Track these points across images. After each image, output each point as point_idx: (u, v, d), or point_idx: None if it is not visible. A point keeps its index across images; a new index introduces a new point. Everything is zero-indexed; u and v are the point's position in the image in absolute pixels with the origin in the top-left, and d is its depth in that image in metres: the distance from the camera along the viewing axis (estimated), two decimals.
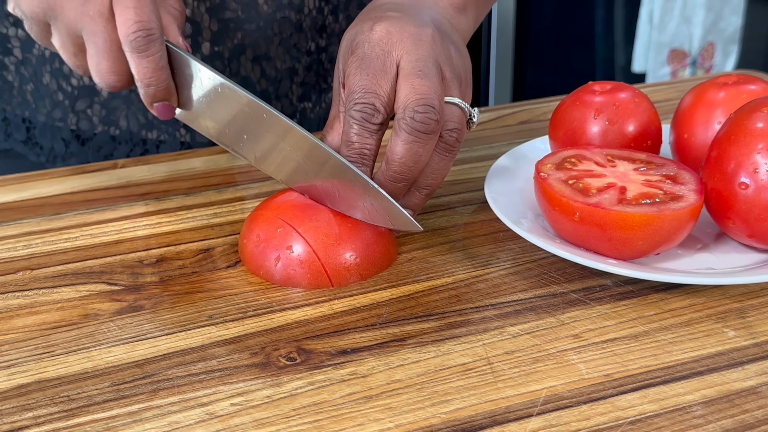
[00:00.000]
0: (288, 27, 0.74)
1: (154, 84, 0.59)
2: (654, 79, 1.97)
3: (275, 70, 0.76)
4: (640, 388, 0.45)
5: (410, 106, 0.53)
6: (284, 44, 0.75)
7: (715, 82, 0.61)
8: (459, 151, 0.58)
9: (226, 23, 0.72)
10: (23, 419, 0.44)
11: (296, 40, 0.76)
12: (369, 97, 0.54)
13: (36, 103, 0.75)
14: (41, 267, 0.57)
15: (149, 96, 0.60)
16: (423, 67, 0.54)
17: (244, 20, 0.73)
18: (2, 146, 0.78)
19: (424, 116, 0.53)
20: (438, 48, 0.56)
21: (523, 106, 0.82)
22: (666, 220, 0.51)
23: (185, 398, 0.45)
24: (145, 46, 0.58)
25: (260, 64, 0.75)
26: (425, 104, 0.53)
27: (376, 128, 0.54)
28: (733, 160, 0.53)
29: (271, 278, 0.54)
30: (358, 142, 0.54)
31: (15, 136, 0.77)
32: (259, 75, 0.76)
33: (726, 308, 0.51)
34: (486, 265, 0.56)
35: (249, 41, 0.74)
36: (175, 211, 0.64)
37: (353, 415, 0.43)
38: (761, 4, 2.02)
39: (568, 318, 0.50)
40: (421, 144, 0.53)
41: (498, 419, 0.43)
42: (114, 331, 0.50)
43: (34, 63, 0.74)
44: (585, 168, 0.56)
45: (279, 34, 0.74)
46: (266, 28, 0.73)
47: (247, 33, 0.73)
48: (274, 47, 0.75)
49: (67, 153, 0.77)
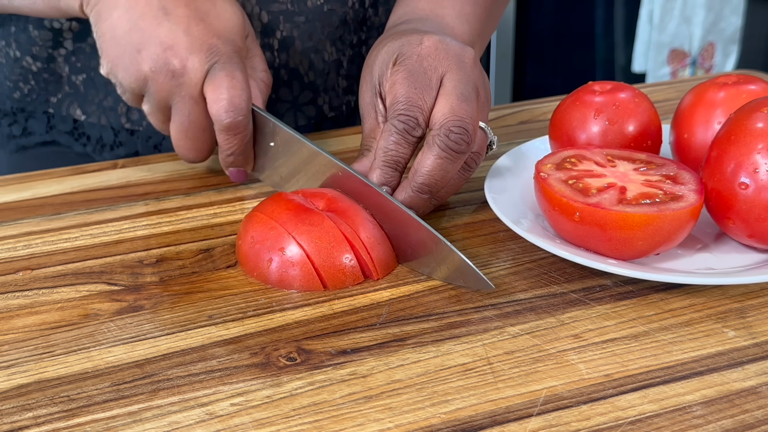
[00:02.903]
0: (334, 20, 0.75)
1: (236, 154, 0.64)
2: (654, 79, 1.97)
3: (323, 63, 0.77)
4: (640, 388, 0.45)
5: (447, 125, 0.56)
6: (331, 37, 0.76)
7: (715, 82, 0.61)
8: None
9: (275, 15, 0.73)
10: (23, 419, 0.44)
11: (341, 33, 0.76)
12: (414, 110, 0.57)
13: (87, 92, 0.75)
14: (41, 267, 0.57)
15: (227, 163, 0.65)
16: (464, 90, 0.57)
17: (293, 12, 0.73)
18: (43, 138, 0.78)
19: (458, 137, 0.56)
20: (477, 71, 0.60)
21: (523, 106, 0.82)
22: (666, 220, 0.51)
23: (185, 398, 0.45)
24: (236, 128, 0.62)
25: (309, 57, 0.76)
26: (461, 126, 0.56)
27: (414, 140, 0.58)
28: (733, 160, 0.53)
29: (266, 279, 0.54)
30: (395, 150, 0.57)
31: (59, 128, 0.77)
32: (308, 67, 0.76)
33: (726, 308, 0.51)
34: (486, 265, 0.56)
35: (298, 33, 0.74)
36: (175, 211, 0.64)
37: (353, 415, 0.43)
38: (761, 4, 2.02)
39: (568, 318, 0.50)
40: (451, 162, 0.56)
41: (498, 419, 0.43)
42: (114, 331, 0.50)
43: (88, 52, 0.74)
44: (585, 168, 0.56)
45: (326, 27, 0.75)
46: (314, 20, 0.74)
47: (296, 25, 0.74)
48: (322, 40, 0.76)
49: (115, 142, 0.77)
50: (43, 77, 0.75)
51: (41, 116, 0.77)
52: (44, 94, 0.76)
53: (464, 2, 0.69)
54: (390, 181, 0.58)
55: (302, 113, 0.78)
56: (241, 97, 0.61)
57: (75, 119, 0.76)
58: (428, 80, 0.58)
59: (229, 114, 0.60)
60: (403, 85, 0.58)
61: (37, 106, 0.77)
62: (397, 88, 0.58)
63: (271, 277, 0.54)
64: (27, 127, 0.78)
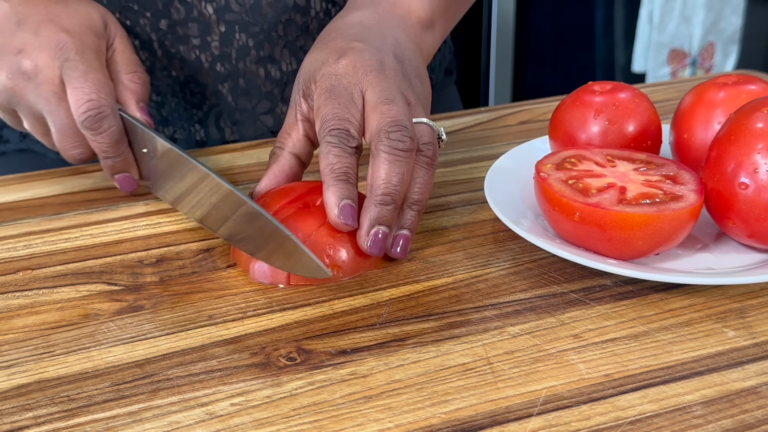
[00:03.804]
0: (293, 29, 0.75)
1: (111, 156, 0.64)
2: (654, 79, 1.97)
3: (280, 72, 0.76)
4: (640, 388, 0.45)
5: (383, 128, 0.54)
6: (290, 47, 0.75)
7: (715, 82, 0.61)
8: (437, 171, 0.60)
9: (231, 25, 0.73)
10: (23, 419, 0.44)
11: (302, 43, 0.76)
12: (343, 123, 0.56)
13: None
14: (41, 267, 0.57)
15: (109, 168, 0.65)
16: (389, 95, 0.57)
17: (248, 23, 0.73)
18: (18, 146, 0.78)
19: (398, 134, 0.54)
20: (400, 79, 0.59)
21: (523, 106, 0.82)
22: (666, 220, 0.51)
23: (185, 398, 0.45)
24: (96, 124, 0.62)
25: (265, 66, 0.75)
26: (397, 124, 0.54)
27: (352, 150, 0.55)
28: (733, 160, 0.53)
29: (254, 276, 0.55)
30: (339, 163, 0.55)
31: (31, 137, 0.77)
32: (264, 77, 0.76)
33: (726, 308, 0.51)
34: (486, 265, 0.56)
35: (254, 43, 0.74)
36: (175, 211, 0.64)
37: (353, 415, 0.43)
38: (761, 4, 2.02)
39: (568, 318, 0.50)
40: (402, 162, 0.54)
41: (498, 419, 0.43)
42: (114, 331, 0.50)
43: None
44: (585, 168, 0.56)
45: (284, 37, 0.75)
46: (270, 30, 0.74)
47: (252, 35, 0.74)
48: (279, 49, 0.75)
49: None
50: None
51: None
52: None
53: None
54: (346, 194, 0.54)
55: (261, 123, 0.78)
56: (98, 94, 0.61)
57: None
58: (350, 96, 0.57)
59: (87, 114, 0.61)
60: (327, 104, 0.57)
61: None
62: (323, 110, 0.57)
63: (256, 274, 0.55)
64: (2, 135, 0.79)
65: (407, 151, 0.54)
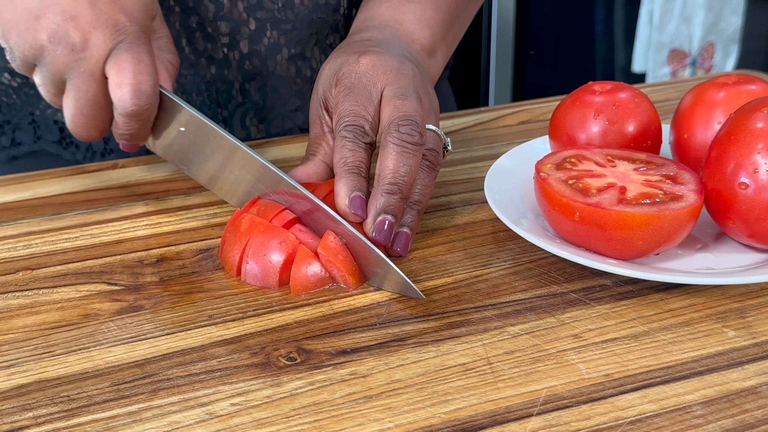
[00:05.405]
0: (324, 27, 0.75)
1: (133, 137, 0.60)
2: (654, 79, 1.97)
3: (311, 70, 0.77)
4: (640, 388, 0.45)
5: (395, 121, 0.56)
6: (320, 44, 0.76)
7: (715, 82, 0.61)
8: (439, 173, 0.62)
9: (262, 22, 0.73)
10: (23, 419, 0.44)
11: (332, 41, 0.76)
12: (358, 119, 0.58)
13: None
14: (41, 267, 0.57)
15: (122, 138, 0.61)
16: (405, 92, 0.58)
17: (280, 20, 0.73)
18: (32, 148, 0.78)
19: (408, 128, 0.56)
20: (418, 81, 0.61)
21: (523, 106, 0.82)
22: (666, 220, 0.51)
23: (185, 398, 0.45)
24: (139, 115, 0.58)
25: (296, 64, 0.76)
26: (408, 119, 0.57)
27: (366, 146, 0.58)
28: (733, 160, 0.53)
29: (244, 278, 0.55)
30: (352, 157, 0.57)
31: (46, 137, 0.77)
32: (294, 74, 0.76)
33: (726, 308, 0.51)
34: (486, 265, 0.56)
35: (285, 40, 0.74)
36: (175, 211, 0.64)
37: (353, 415, 0.43)
38: (761, 4, 2.02)
39: (568, 318, 0.50)
40: (410, 154, 0.56)
41: (498, 419, 0.43)
42: (114, 331, 0.50)
43: None
44: (585, 168, 0.56)
45: (315, 35, 0.75)
46: (302, 27, 0.74)
47: (283, 32, 0.74)
48: (310, 47, 0.75)
49: (106, 149, 0.77)
50: (24, 91, 0.75)
51: (27, 127, 0.77)
52: (27, 107, 0.76)
53: (426, 7, 0.69)
54: (357, 186, 0.56)
55: (290, 120, 0.78)
56: (148, 83, 0.57)
57: (61, 128, 0.76)
58: (368, 93, 0.59)
59: (134, 101, 0.57)
60: (345, 101, 0.59)
61: (21, 118, 0.76)
62: (340, 106, 0.59)
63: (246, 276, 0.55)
64: (15, 137, 0.78)
65: (416, 145, 0.56)
